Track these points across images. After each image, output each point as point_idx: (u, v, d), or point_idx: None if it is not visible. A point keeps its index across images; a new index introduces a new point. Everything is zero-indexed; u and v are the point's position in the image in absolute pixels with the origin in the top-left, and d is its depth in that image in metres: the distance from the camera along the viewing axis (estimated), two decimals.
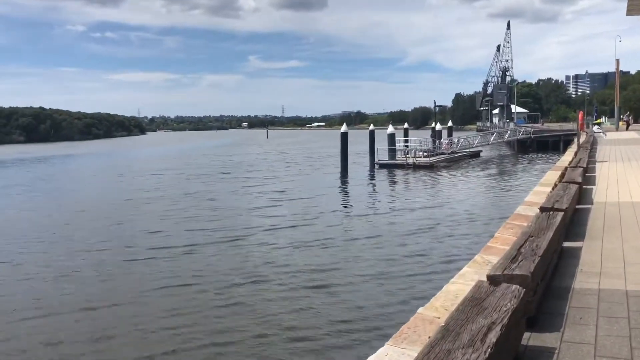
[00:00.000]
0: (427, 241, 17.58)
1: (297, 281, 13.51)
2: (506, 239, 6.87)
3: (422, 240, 17.78)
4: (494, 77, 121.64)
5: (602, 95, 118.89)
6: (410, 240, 17.69)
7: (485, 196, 28.55)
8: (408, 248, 16.66)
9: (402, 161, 44.48)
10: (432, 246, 16.84)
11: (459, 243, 17.17)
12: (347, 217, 23.14)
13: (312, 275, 14.04)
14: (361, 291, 12.66)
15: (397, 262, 15.06)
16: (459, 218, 21.71)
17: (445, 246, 16.84)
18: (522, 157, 54.33)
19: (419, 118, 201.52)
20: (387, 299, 11.97)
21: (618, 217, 8.09)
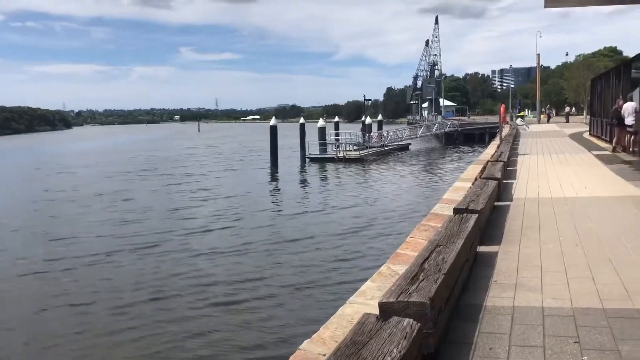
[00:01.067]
0: (350, 243, 16.83)
1: (205, 296, 12.39)
2: (417, 244, 6.23)
3: (346, 242, 17.02)
4: (423, 71, 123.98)
5: (525, 89, 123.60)
6: (333, 243, 16.89)
7: (412, 191, 28.35)
8: (329, 252, 15.82)
9: (333, 155, 44.05)
10: (355, 249, 16.11)
11: (381, 245, 16.58)
12: (273, 217, 22.08)
13: (223, 289, 12.92)
14: (266, 308, 11.57)
15: (314, 269, 14.17)
16: (385, 216, 21.26)
17: (367, 249, 16.18)
18: (450, 150, 55.31)
19: (352, 111, 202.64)
20: (289, 320, 11.02)
21: (537, 216, 7.66)
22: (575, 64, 79.27)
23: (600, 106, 25.51)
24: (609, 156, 16.72)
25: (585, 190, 9.99)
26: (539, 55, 62.10)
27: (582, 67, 71.13)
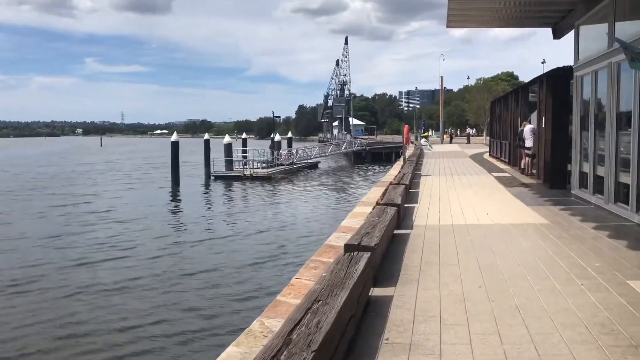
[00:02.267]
0: (250, 278, 15.29)
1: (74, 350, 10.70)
2: (302, 287, 5.29)
3: (246, 276, 15.46)
4: (333, 90, 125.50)
5: (429, 110, 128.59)
6: (232, 278, 15.26)
7: (320, 213, 27.31)
8: (226, 290, 14.24)
9: (239, 173, 42.70)
10: (254, 285, 14.66)
11: (283, 278, 15.30)
12: (169, 247, 19.61)
13: (97, 340, 11.12)
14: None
15: (205, 312, 12.70)
16: (291, 242, 19.96)
17: (269, 284, 14.83)
18: (358, 169, 55.62)
19: (264, 128, 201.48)
20: None
21: (437, 248, 6.98)
22: (475, 87, 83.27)
23: (500, 128, 26.20)
24: (509, 178, 16.82)
25: (487, 216, 9.56)
26: (442, 78, 64.52)
27: (482, 90, 74.71)
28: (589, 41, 11.19)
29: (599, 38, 10.15)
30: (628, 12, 9.03)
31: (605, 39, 9.63)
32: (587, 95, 10.99)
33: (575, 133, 11.81)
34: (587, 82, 11.09)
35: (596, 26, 10.84)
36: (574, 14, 11.67)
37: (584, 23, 11.30)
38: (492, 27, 14.80)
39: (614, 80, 9.23)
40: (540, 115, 15.64)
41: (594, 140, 10.58)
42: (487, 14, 13.11)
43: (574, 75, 11.81)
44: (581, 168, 11.59)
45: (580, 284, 5.07)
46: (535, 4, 11.88)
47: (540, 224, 8.51)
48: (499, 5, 12.08)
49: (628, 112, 8.86)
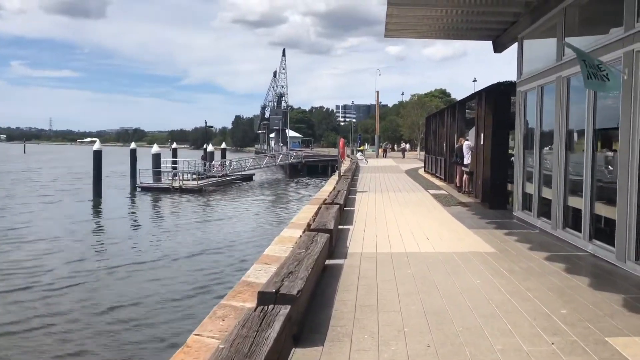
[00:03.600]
0: (157, 318, 13.44)
1: None
2: (201, 349, 4.04)
3: (152, 316, 13.54)
4: (270, 101, 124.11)
5: (365, 124, 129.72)
6: (146, 319, 13.39)
7: (249, 231, 25.54)
8: (138, 335, 12.43)
9: (168, 184, 40.58)
10: (168, 330, 12.73)
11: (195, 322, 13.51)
12: (82, 275, 17.16)
13: None
14: None
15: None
16: (215, 268, 18.05)
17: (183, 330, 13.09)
18: (293, 182, 54.49)
19: (199, 138, 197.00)
20: None
21: (375, 285, 5.90)
22: (410, 102, 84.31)
23: (435, 144, 25.81)
24: (446, 196, 16.15)
25: (428, 242, 8.61)
26: (378, 93, 64.84)
27: (416, 106, 75.63)
28: (534, 54, 10.59)
29: (546, 51, 9.51)
30: (578, 24, 8.39)
31: (553, 52, 8.97)
32: (532, 111, 10.35)
33: (518, 151, 11.16)
34: (531, 97, 10.46)
35: (543, 38, 10.24)
36: (517, 25, 11.06)
37: (528, 35, 10.69)
38: (432, 37, 14.10)
39: (563, 96, 8.55)
40: (478, 131, 15.07)
41: (539, 160, 9.92)
42: (426, 23, 12.33)
43: (517, 90, 11.19)
44: (524, 189, 10.93)
45: (550, 342, 4.09)
46: (477, 13, 11.18)
47: (486, 253, 7.62)
48: (438, 13, 11.31)
49: (580, 130, 8.19)
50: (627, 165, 6.31)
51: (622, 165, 6.46)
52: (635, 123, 6.17)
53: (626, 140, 6.36)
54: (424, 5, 10.67)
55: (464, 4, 10.41)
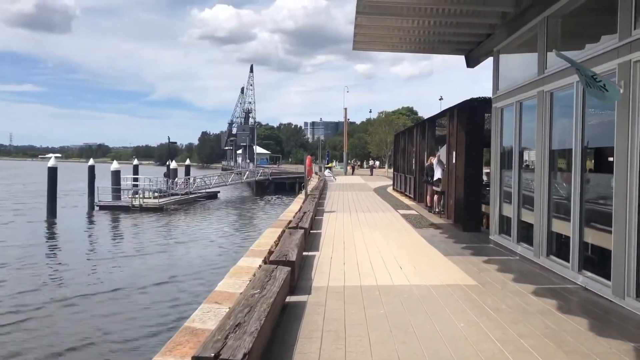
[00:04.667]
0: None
1: None
2: None
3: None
4: (238, 118, 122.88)
5: (333, 141, 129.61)
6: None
7: (208, 255, 23.95)
8: None
9: (128, 203, 38.99)
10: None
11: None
12: (27, 311, 15.32)
13: None
14: None
15: None
16: (171, 304, 16.22)
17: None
18: (259, 200, 53.31)
19: (165, 154, 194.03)
20: None
21: (343, 330, 5.00)
22: (378, 120, 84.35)
23: (405, 162, 25.22)
24: (417, 217, 15.43)
25: (401, 271, 7.78)
26: (346, 110, 64.47)
27: (384, 124, 75.60)
28: (512, 68, 9.97)
29: (526, 64, 8.88)
30: (561, 35, 7.77)
31: (534, 65, 8.32)
32: (510, 128, 9.69)
33: (494, 171, 10.48)
34: (509, 114, 9.81)
35: (521, 51, 9.64)
36: (493, 38, 10.45)
37: (505, 48, 10.08)
38: (402, 51, 13.44)
39: (545, 112, 7.88)
40: (450, 149, 14.44)
41: (519, 180, 9.24)
42: (396, 35, 11.66)
43: (493, 106, 10.55)
44: (501, 211, 10.24)
45: None
46: (449, 25, 10.54)
47: (467, 286, 6.81)
48: (409, 24, 10.62)
49: (565, 150, 7.52)
50: (625, 188, 5.61)
51: (619, 188, 5.76)
52: (634, 141, 5.48)
53: (623, 161, 5.67)
54: (394, 15, 9.97)
55: (436, 14, 9.75)
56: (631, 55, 5.49)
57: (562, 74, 7.24)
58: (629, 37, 5.54)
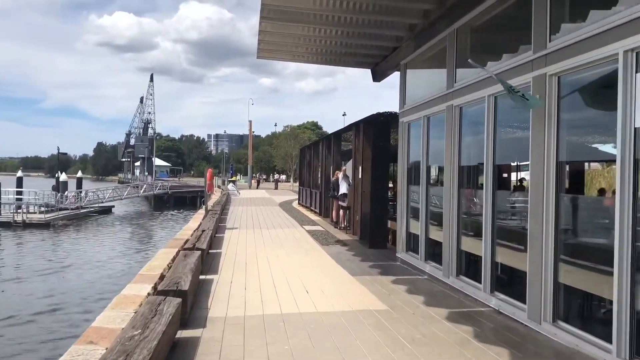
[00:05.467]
0: None
1: None
2: None
3: None
4: (136, 128, 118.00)
5: (238, 154, 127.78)
6: None
7: (97, 278, 21.43)
8: None
9: (9, 218, 35.55)
10: None
11: None
12: None
13: None
14: None
15: None
16: (36, 331, 14.24)
17: None
18: (158, 215, 50.79)
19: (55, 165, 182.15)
20: None
21: None
22: (283, 134, 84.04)
23: (310, 176, 24.85)
24: (323, 233, 14.97)
25: (308, 296, 7.16)
26: (251, 122, 63.81)
27: (289, 137, 75.43)
28: (420, 82, 9.77)
29: (434, 78, 8.67)
30: (471, 48, 7.58)
31: (442, 79, 8.10)
32: (417, 143, 9.44)
33: (402, 187, 10.21)
34: (416, 129, 9.57)
35: (429, 64, 9.45)
36: (400, 51, 10.23)
37: (413, 62, 9.86)
38: (307, 61, 12.99)
39: (455, 127, 7.65)
40: (356, 164, 14.14)
41: (427, 196, 8.98)
42: (302, 44, 11.17)
43: (400, 121, 10.29)
44: (408, 228, 9.96)
45: None
46: (356, 36, 10.19)
47: (378, 312, 6.31)
48: (315, 33, 10.15)
49: (475, 166, 7.30)
50: (541, 206, 5.36)
51: (535, 207, 5.51)
52: (550, 158, 5.25)
53: (539, 177, 5.42)
54: (299, 23, 9.45)
55: (342, 23, 9.34)
56: (547, 69, 5.27)
57: (473, 87, 7.03)
58: (544, 50, 5.33)
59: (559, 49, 5.07)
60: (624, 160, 4.19)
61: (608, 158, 5.28)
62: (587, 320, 5.11)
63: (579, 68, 4.83)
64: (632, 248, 4.14)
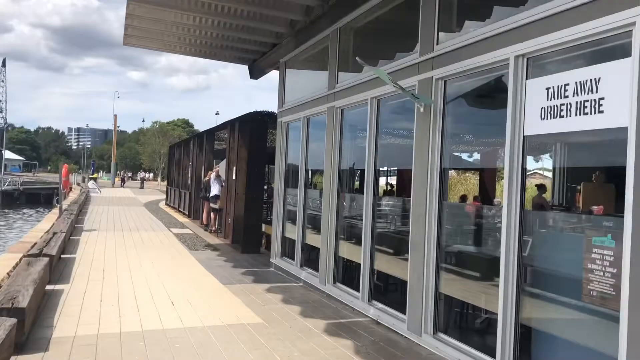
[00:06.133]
0: None
1: None
2: None
3: None
4: None
5: (101, 150, 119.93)
6: None
7: None
8: None
9: None
10: None
11: None
12: None
13: None
14: None
15: None
16: None
17: None
18: (6, 214, 45.85)
19: None
20: None
21: None
22: (151, 130, 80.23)
23: (179, 176, 23.65)
24: (192, 237, 14.12)
25: (174, 309, 6.45)
26: (116, 117, 60.10)
27: (158, 134, 72.15)
28: (301, 81, 9.43)
29: (316, 78, 8.37)
30: (356, 48, 7.35)
31: (324, 79, 7.81)
32: (296, 145, 9.09)
33: (278, 189, 9.79)
34: (295, 130, 9.21)
35: (311, 63, 9.13)
36: (280, 48, 9.81)
37: (293, 60, 9.49)
38: (180, 53, 12.10)
39: (336, 129, 7.37)
40: (230, 165, 13.52)
41: (304, 200, 8.64)
42: (175, 33, 10.31)
43: (279, 121, 9.88)
44: (284, 232, 9.57)
45: None
46: (233, 28, 9.57)
47: (252, 325, 5.80)
48: (189, 22, 9.39)
49: (356, 170, 7.08)
50: (424, 214, 5.20)
51: (417, 215, 5.34)
52: (434, 163, 5.10)
53: (421, 183, 5.26)
54: (172, 8, 8.65)
55: (220, 13, 8.71)
56: (433, 72, 5.12)
57: (355, 89, 6.78)
58: (432, 53, 5.18)
59: (447, 52, 4.94)
60: (512, 169, 4.09)
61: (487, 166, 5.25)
62: (469, 333, 5.02)
63: (468, 72, 4.71)
64: (518, 259, 4.05)
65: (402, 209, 6.26)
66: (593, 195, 5.16)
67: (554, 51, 3.83)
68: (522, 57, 4.06)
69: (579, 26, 3.53)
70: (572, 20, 3.58)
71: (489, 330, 4.44)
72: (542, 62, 3.99)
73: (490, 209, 5.94)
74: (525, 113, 4.02)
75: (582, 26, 3.51)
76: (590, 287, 3.46)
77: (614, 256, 3.30)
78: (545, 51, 3.89)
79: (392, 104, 6.17)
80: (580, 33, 3.53)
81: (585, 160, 4.34)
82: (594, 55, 3.58)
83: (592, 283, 3.44)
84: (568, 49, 3.72)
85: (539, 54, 3.96)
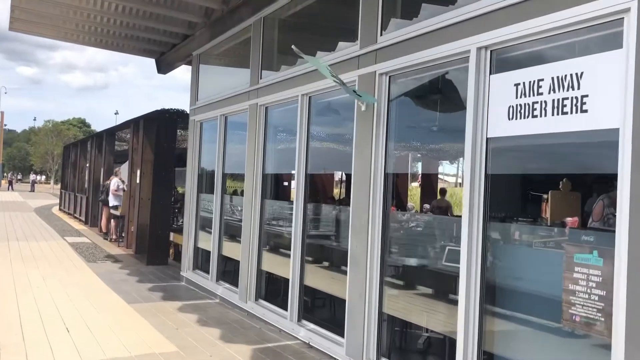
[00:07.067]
0: None
1: None
2: None
3: None
4: None
5: None
6: None
7: None
8: None
9: None
10: None
11: None
12: None
13: None
14: None
15: None
16: None
17: None
18: None
19: None
20: None
21: None
22: (44, 129, 74.67)
23: (75, 179, 21.73)
24: (90, 246, 12.78)
25: (69, 337, 5.45)
26: (3, 114, 55.20)
27: (52, 134, 67.24)
28: (217, 77, 8.61)
29: (236, 73, 7.62)
30: (282, 38, 6.70)
31: (246, 75, 7.08)
32: (211, 146, 8.26)
33: (190, 195, 8.90)
34: (210, 129, 8.39)
35: (230, 56, 8.35)
36: (193, 40, 8.94)
37: (209, 52, 8.65)
38: (77, 42, 10.77)
39: (260, 129, 6.67)
40: (134, 167, 12.36)
41: (221, 207, 7.85)
42: (72, 19, 9.08)
43: (191, 119, 9.00)
44: (197, 242, 8.70)
45: None
46: (139, 16, 8.53)
47: (164, 355, 4.96)
48: (88, 6, 8.20)
49: (283, 174, 6.42)
50: (366, 224, 4.63)
51: (357, 226, 4.76)
52: (377, 168, 4.56)
53: (363, 190, 4.70)
54: None
55: None
56: (376, 66, 4.58)
57: (283, 85, 6.12)
58: (375, 45, 4.63)
59: (394, 43, 4.41)
60: (474, 176, 3.62)
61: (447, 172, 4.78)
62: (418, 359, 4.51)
63: (419, 67, 4.20)
64: (481, 274, 3.57)
65: (342, 216, 5.68)
66: (562, 205, 4.88)
67: (524, 42, 3.39)
68: (485, 49, 3.60)
69: (556, 14, 3.11)
70: (549, 7, 3.15)
71: (441, 354, 3.95)
72: (510, 54, 3.55)
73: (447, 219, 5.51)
74: (489, 112, 3.56)
75: (560, 14, 3.09)
76: (572, 310, 3.03)
77: (602, 277, 2.89)
78: (514, 42, 3.45)
79: (327, 101, 5.58)
80: (558, 22, 3.11)
81: (553, 166, 3.94)
82: (574, 47, 3.17)
83: (574, 307, 3.02)
84: (542, 39, 3.29)
85: (506, 46, 3.51)
